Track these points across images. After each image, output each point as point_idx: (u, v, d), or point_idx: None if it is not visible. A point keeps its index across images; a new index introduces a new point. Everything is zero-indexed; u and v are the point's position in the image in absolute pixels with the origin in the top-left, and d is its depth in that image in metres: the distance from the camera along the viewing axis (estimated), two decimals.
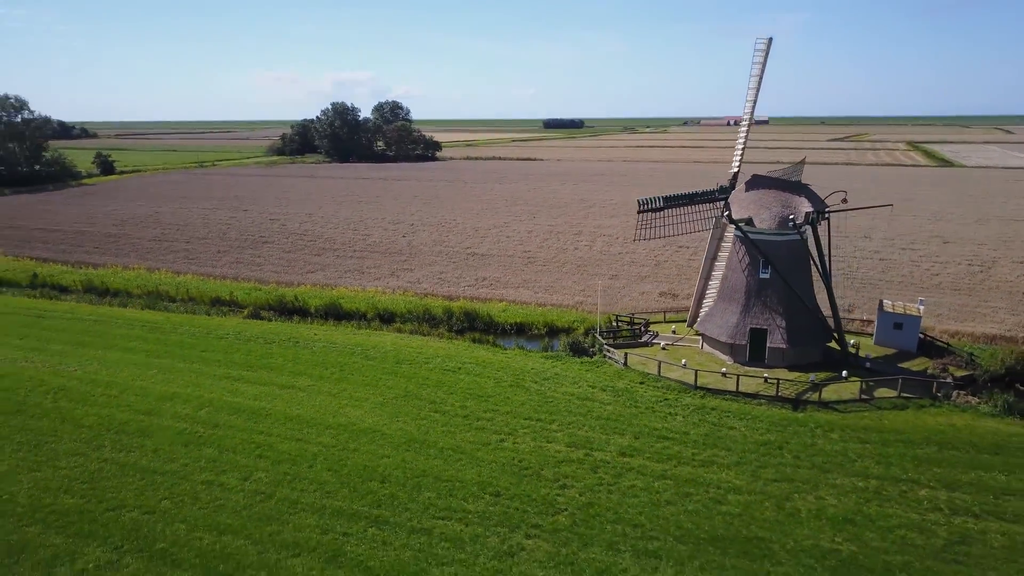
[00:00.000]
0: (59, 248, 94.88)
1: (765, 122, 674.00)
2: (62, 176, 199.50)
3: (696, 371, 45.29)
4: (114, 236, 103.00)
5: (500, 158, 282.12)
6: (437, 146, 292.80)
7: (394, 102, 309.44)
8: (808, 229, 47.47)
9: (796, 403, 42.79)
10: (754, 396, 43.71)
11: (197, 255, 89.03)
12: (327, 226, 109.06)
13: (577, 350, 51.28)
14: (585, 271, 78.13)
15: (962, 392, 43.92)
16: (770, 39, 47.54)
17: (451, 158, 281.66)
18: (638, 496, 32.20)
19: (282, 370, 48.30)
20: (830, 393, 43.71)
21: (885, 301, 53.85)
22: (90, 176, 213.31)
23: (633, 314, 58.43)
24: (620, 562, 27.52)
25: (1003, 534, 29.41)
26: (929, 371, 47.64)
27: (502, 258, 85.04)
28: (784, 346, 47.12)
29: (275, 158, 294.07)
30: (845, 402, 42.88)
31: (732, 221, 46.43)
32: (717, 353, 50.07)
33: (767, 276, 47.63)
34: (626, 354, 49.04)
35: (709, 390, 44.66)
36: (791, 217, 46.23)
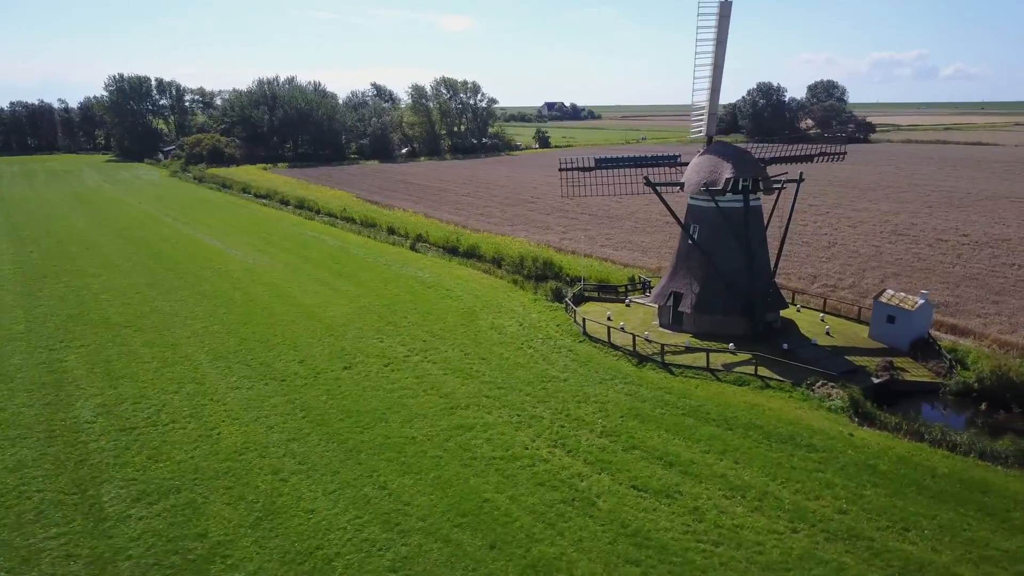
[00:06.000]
0: (393, 195, 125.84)
1: None
2: (500, 148, 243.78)
3: (585, 319, 49.19)
4: (438, 190, 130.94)
5: (944, 142, 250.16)
6: (870, 128, 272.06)
7: (828, 81, 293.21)
8: (738, 199, 46.33)
9: (642, 359, 44.41)
10: (618, 348, 46.22)
11: (460, 207, 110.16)
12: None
13: (557, 296, 57.42)
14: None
15: (828, 384, 39.89)
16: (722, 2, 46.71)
17: (888, 141, 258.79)
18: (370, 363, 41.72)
19: (349, 278, 65.61)
20: (685, 359, 43.94)
21: (888, 291, 47.54)
22: (528, 148, 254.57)
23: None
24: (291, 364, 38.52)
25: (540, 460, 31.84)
26: (870, 369, 43.01)
27: None
28: (689, 311, 47.34)
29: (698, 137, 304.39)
30: (691, 368, 42.95)
31: (648, 184, 48.07)
32: (658, 314, 51.65)
33: (696, 240, 48.07)
34: (568, 302, 54.07)
35: (591, 338, 48.29)
36: (704, 183, 46.19)
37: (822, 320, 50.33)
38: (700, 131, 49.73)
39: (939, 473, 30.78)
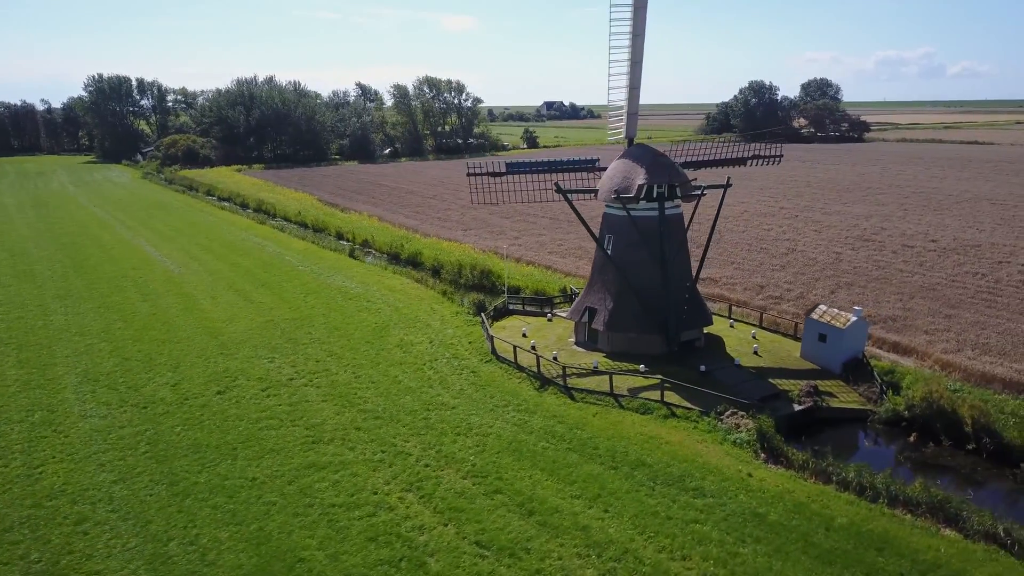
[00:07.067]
0: (356, 197, 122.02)
1: None
2: (487, 148, 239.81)
3: (494, 337, 45.31)
4: (405, 192, 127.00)
5: (939, 141, 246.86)
6: (864, 127, 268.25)
7: (822, 79, 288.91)
8: (653, 206, 42.39)
9: (545, 381, 40.54)
10: (523, 369, 42.36)
11: (421, 210, 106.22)
12: None
13: (480, 308, 53.54)
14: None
15: (739, 413, 35.92)
16: None
17: (883, 140, 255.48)
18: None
19: (271, 288, 61.80)
20: (590, 382, 40.05)
21: (820, 307, 43.52)
22: (515, 148, 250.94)
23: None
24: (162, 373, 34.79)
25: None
26: (794, 395, 39.01)
27: None
28: (603, 328, 43.42)
29: (690, 136, 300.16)
30: (595, 392, 39.07)
31: (559, 191, 44.17)
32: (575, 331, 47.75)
33: (610, 252, 44.21)
34: (483, 317, 50.16)
35: (499, 357, 44.43)
36: (617, 190, 42.28)
37: (753, 337, 46.31)
38: (619, 133, 45.76)
39: (835, 525, 26.83)
